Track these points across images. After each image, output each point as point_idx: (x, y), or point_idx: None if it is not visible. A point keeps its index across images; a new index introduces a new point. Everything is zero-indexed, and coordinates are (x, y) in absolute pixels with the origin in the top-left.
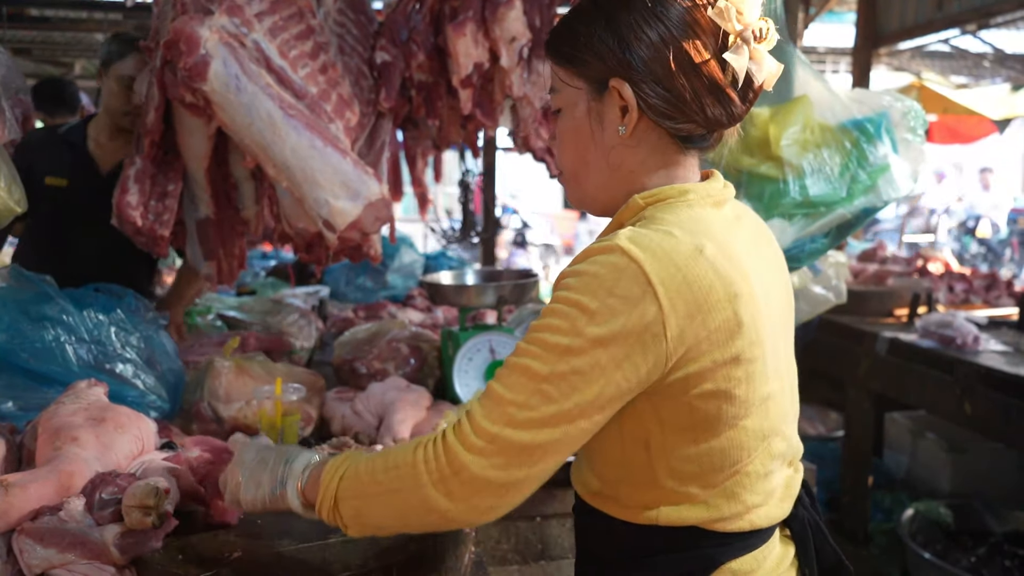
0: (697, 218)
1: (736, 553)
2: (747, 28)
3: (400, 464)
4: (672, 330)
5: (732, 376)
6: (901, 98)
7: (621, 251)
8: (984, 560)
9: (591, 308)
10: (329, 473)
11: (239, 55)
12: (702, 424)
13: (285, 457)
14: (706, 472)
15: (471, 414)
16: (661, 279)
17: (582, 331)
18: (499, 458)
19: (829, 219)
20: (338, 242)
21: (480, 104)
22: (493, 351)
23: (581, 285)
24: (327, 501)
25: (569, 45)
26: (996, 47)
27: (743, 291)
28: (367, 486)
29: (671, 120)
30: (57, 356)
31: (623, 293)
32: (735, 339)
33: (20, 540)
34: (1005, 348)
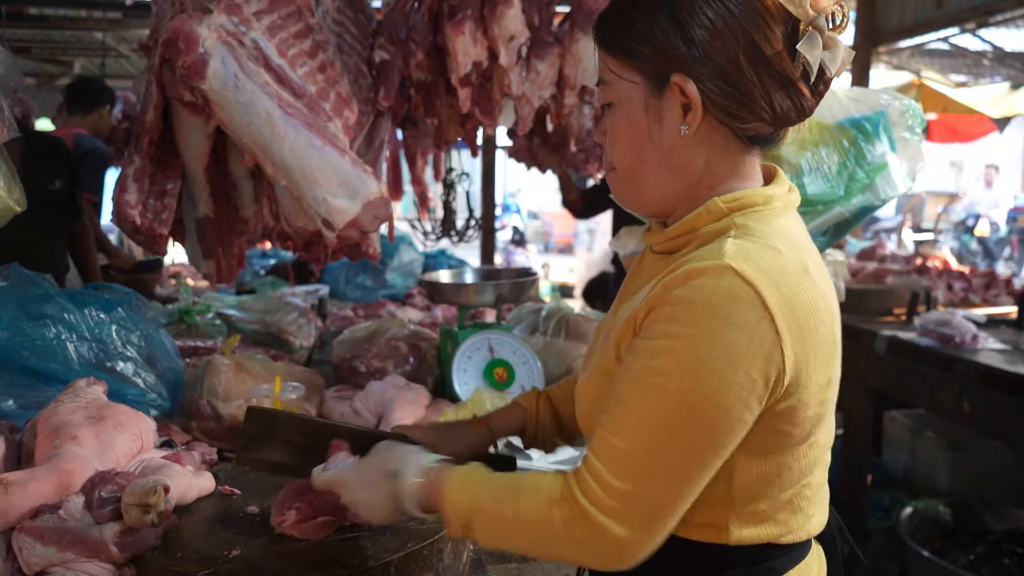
0: (788, 229)
1: (793, 563)
2: (821, 13)
3: (535, 522)
4: (789, 357)
5: (826, 398)
6: (899, 96)
7: (734, 272)
8: (983, 558)
9: (706, 341)
10: (454, 504)
11: (237, 53)
12: (790, 449)
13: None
14: (778, 491)
15: (596, 473)
16: (777, 302)
17: (701, 368)
18: (638, 515)
19: (827, 217)
20: (337, 241)
21: (479, 103)
22: (492, 350)
23: (690, 316)
24: (457, 527)
25: (624, 35)
26: (995, 45)
27: (836, 310)
28: (500, 528)
29: (738, 119)
30: (58, 354)
31: (739, 320)
32: (832, 361)
33: (20, 538)
34: (1004, 346)
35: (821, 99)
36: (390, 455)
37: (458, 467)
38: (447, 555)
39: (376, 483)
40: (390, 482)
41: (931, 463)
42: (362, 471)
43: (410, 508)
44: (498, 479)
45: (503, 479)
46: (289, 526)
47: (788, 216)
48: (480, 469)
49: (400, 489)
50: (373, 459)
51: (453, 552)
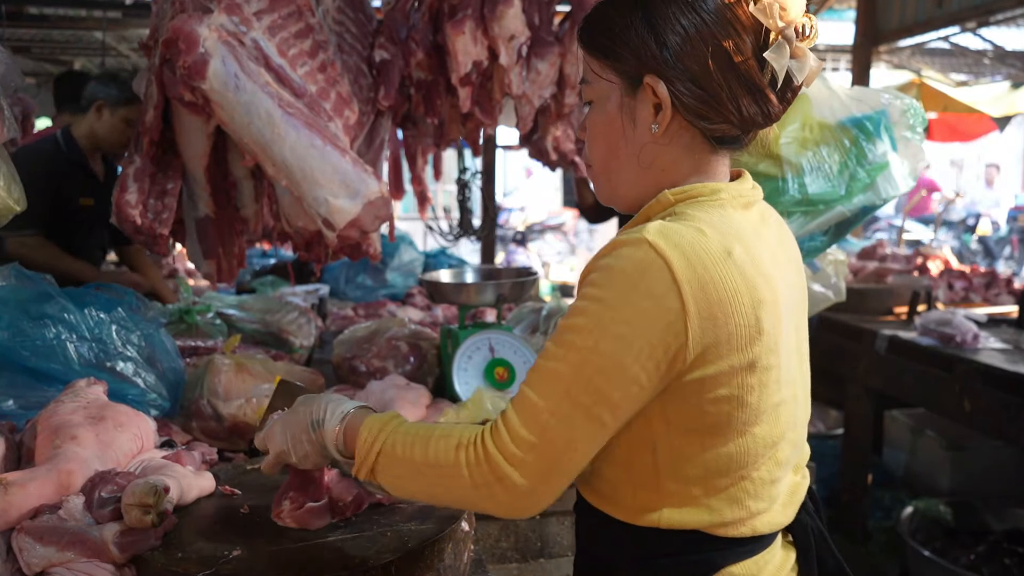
0: (727, 219)
1: (737, 558)
2: (790, 25)
3: (442, 463)
4: (693, 330)
5: (746, 383)
6: (900, 96)
7: (648, 245)
8: (983, 558)
9: (614, 304)
10: (365, 443)
11: (238, 53)
12: (711, 429)
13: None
14: (711, 476)
15: (508, 421)
16: (687, 277)
17: (606, 329)
18: (539, 465)
19: (828, 217)
20: (337, 240)
21: (479, 102)
22: (492, 349)
23: (605, 280)
24: (364, 468)
25: (604, 36)
26: (996, 44)
27: (766, 298)
28: (406, 470)
29: (706, 120)
30: (58, 354)
31: (646, 288)
32: (754, 345)
33: (20, 538)
34: (1005, 346)
35: (789, 106)
36: (313, 405)
37: (377, 413)
38: (448, 555)
39: (301, 434)
40: (314, 431)
41: (932, 463)
42: (287, 423)
43: (332, 453)
44: (413, 426)
45: (418, 426)
46: (286, 515)
47: (736, 209)
48: (398, 416)
49: (323, 437)
50: (297, 410)
51: (454, 552)
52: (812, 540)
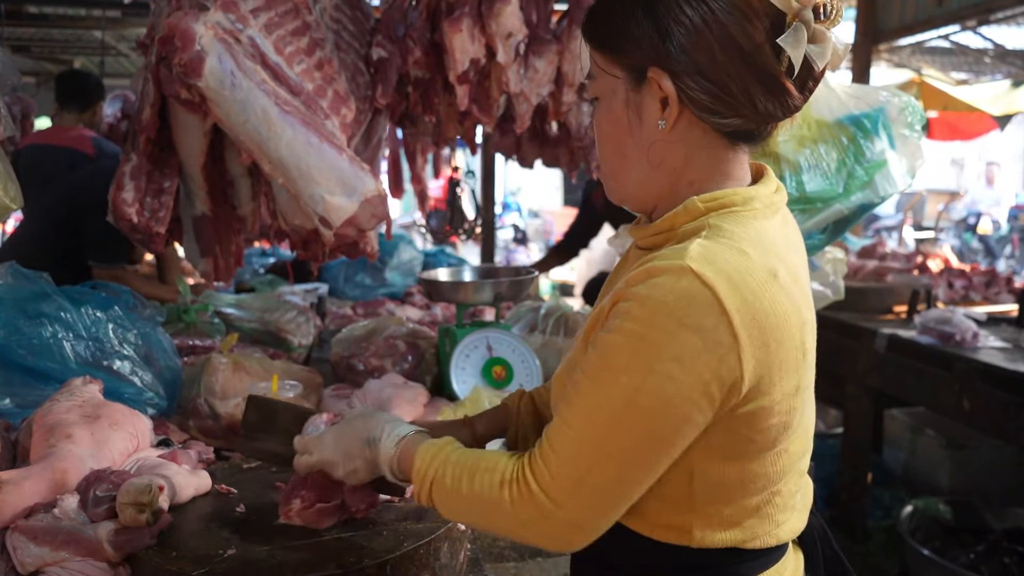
0: (764, 233)
1: (762, 568)
2: (807, 6)
3: (486, 499)
4: (747, 362)
5: (794, 406)
6: (898, 94)
7: (693, 274)
8: (983, 557)
9: (659, 342)
10: (419, 473)
11: (234, 51)
12: (754, 455)
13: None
14: (746, 497)
15: (548, 459)
16: (737, 307)
17: (652, 368)
18: (584, 504)
19: (826, 215)
20: (334, 239)
21: (477, 100)
22: (490, 348)
23: (644, 314)
24: (423, 496)
25: (606, 29)
26: (996, 43)
27: (808, 318)
28: (457, 502)
29: (716, 115)
30: (55, 353)
31: (694, 323)
32: (800, 368)
33: (14, 537)
34: (1004, 344)
35: (810, 95)
36: (368, 421)
37: (431, 440)
38: (444, 554)
39: (354, 449)
40: (368, 448)
41: (931, 461)
42: (341, 436)
43: (386, 473)
44: (461, 455)
45: (466, 455)
46: (295, 513)
47: (769, 218)
48: (451, 443)
49: (377, 455)
50: (351, 424)
51: (450, 551)
52: (817, 540)
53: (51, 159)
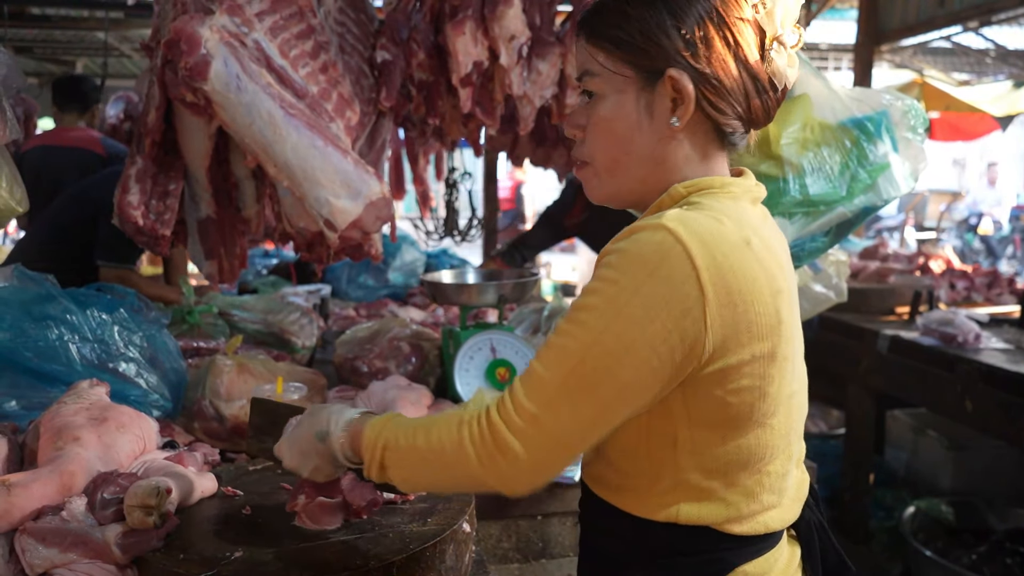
0: (741, 210)
1: (750, 556)
2: (785, 32)
3: (445, 443)
4: (713, 318)
5: (768, 373)
6: (901, 97)
7: (667, 231)
8: (985, 558)
9: (629, 287)
10: (369, 442)
11: (240, 54)
12: (733, 421)
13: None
14: (732, 470)
15: (514, 393)
16: (706, 264)
17: (620, 311)
18: (543, 438)
19: (829, 218)
20: (339, 241)
21: (480, 103)
22: (494, 350)
23: (622, 264)
24: (374, 467)
25: (617, 28)
26: (998, 44)
27: (783, 287)
28: (412, 459)
29: (722, 114)
30: (60, 355)
31: (664, 274)
32: (774, 335)
33: (22, 540)
34: (1006, 346)
35: (778, 106)
36: (317, 417)
37: (379, 415)
38: (449, 556)
39: (309, 447)
40: (322, 443)
41: (933, 462)
42: (294, 440)
43: (343, 462)
44: (416, 419)
45: (421, 419)
46: (300, 508)
47: (746, 201)
48: (399, 415)
49: (331, 447)
50: (303, 423)
51: (455, 554)
52: (815, 534)
53: (60, 161)
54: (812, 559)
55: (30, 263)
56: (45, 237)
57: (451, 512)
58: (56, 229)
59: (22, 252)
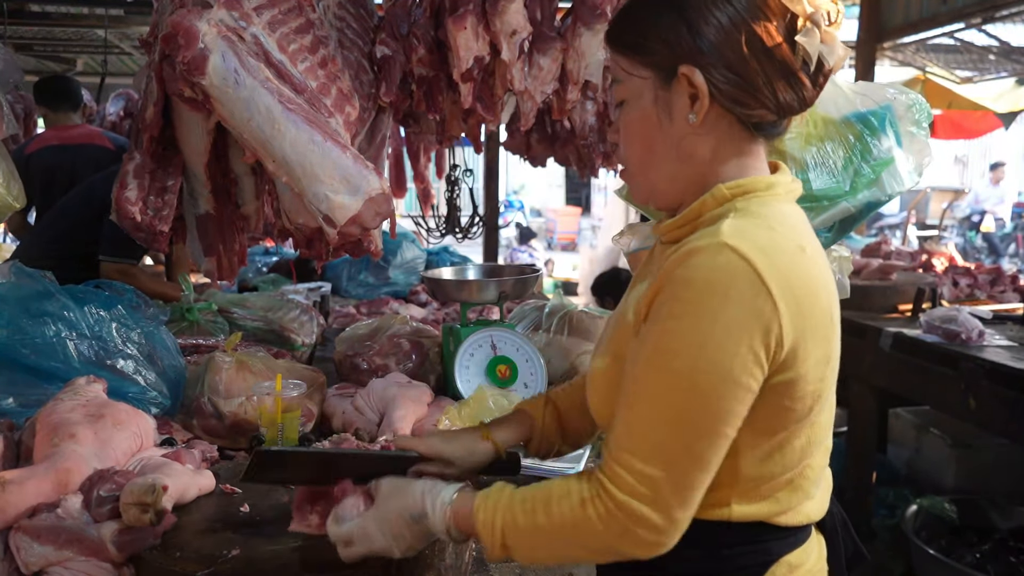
0: (787, 214)
1: (791, 547)
2: (817, 10)
3: (570, 524)
4: (787, 329)
5: (826, 376)
6: (905, 91)
7: (729, 249)
8: (988, 556)
9: (708, 317)
10: (486, 527)
11: (238, 49)
12: (792, 425)
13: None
14: (784, 470)
15: (626, 462)
16: (772, 275)
17: (704, 345)
18: (673, 496)
19: (832, 213)
20: (338, 237)
21: (481, 98)
22: (495, 347)
23: (688, 295)
24: (495, 549)
25: (634, 33)
26: (1001, 40)
27: (834, 290)
28: (537, 539)
29: (743, 106)
30: (58, 352)
31: (738, 296)
32: (830, 339)
33: (17, 537)
34: (1010, 343)
35: (821, 90)
36: (406, 498)
37: (482, 491)
38: (449, 555)
39: (403, 530)
40: (418, 525)
41: (936, 460)
42: (384, 521)
43: (445, 539)
44: (524, 492)
45: (529, 491)
46: (315, 529)
47: (789, 203)
48: (505, 488)
49: (430, 528)
50: (390, 504)
51: (455, 552)
52: (836, 525)
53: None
54: (835, 550)
55: (35, 260)
56: (51, 234)
57: None
58: (63, 228)
59: (28, 249)
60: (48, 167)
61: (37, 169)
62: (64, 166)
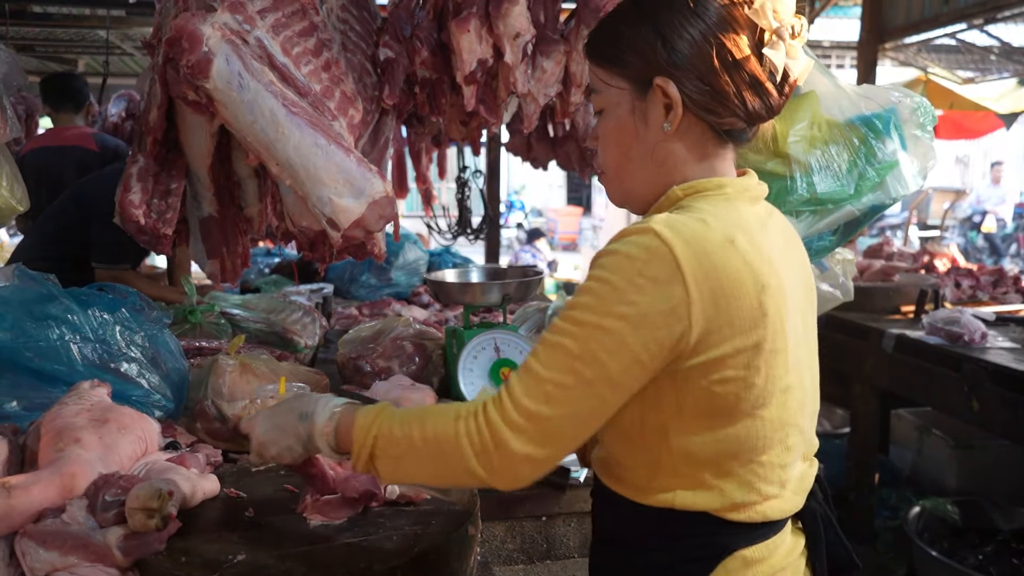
0: (732, 210)
1: (748, 542)
2: (783, 25)
3: (440, 436)
4: (696, 314)
5: (752, 364)
6: (910, 94)
7: (654, 233)
8: (991, 557)
9: (620, 287)
10: (362, 430)
11: (241, 52)
12: (720, 411)
13: (301, 412)
14: (722, 459)
15: (511, 390)
16: (690, 264)
17: (610, 309)
18: (539, 434)
19: (836, 216)
20: (342, 240)
21: (484, 101)
22: (498, 349)
23: (613, 265)
24: (362, 457)
25: (611, 46)
26: (1003, 41)
27: (770, 283)
28: (405, 449)
29: (714, 115)
30: (62, 355)
31: (652, 274)
32: (758, 328)
33: (23, 543)
34: (1013, 345)
35: (787, 99)
36: (304, 400)
37: (369, 405)
38: (453, 559)
39: (287, 424)
40: (302, 423)
41: (939, 462)
42: (275, 412)
43: (322, 447)
44: (409, 410)
45: (415, 409)
46: (310, 509)
47: (742, 202)
48: (390, 406)
49: (312, 429)
50: (287, 402)
51: (460, 556)
52: (821, 526)
53: (58, 160)
54: (817, 550)
55: (31, 264)
56: (44, 238)
57: (456, 514)
58: (54, 230)
59: (23, 253)
60: (35, 169)
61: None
62: (50, 168)
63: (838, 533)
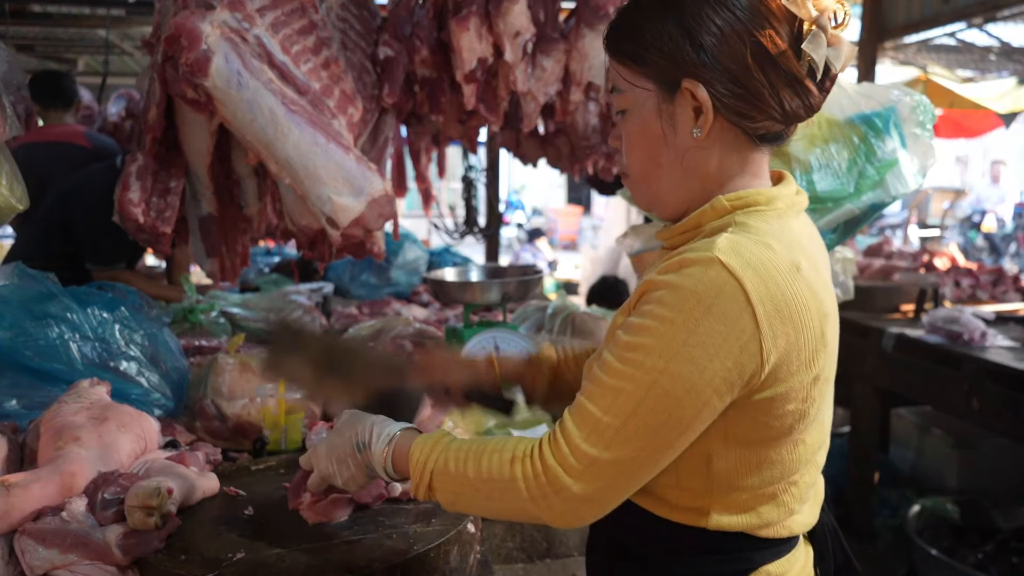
0: (787, 229)
1: (773, 557)
2: (823, 13)
3: (496, 477)
4: (768, 351)
5: (810, 396)
6: (910, 92)
7: (720, 265)
8: (991, 557)
9: (687, 327)
10: (418, 465)
11: (241, 50)
12: (771, 442)
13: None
14: (763, 485)
15: (568, 434)
16: (760, 298)
17: (677, 351)
18: (599, 478)
19: (836, 215)
20: (341, 239)
21: (484, 99)
22: (498, 348)
23: (674, 301)
24: (421, 488)
25: (634, 43)
26: (1002, 40)
27: (830, 311)
28: (462, 486)
29: (748, 119)
30: (61, 354)
31: (720, 311)
32: (819, 359)
33: (22, 541)
34: (1013, 344)
35: (828, 95)
36: (356, 426)
37: (424, 433)
38: (453, 557)
39: (346, 456)
40: (361, 455)
41: (939, 461)
42: (332, 446)
43: (382, 475)
44: (463, 442)
45: (468, 442)
46: (306, 508)
47: (792, 217)
48: (446, 434)
49: (370, 459)
50: (341, 431)
51: (460, 554)
52: (828, 537)
53: (45, 156)
54: (825, 562)
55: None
56: (36, 237)
57: (455, 513)
58: (45, 229)
59: (17, 252)
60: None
61: None
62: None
63: (840, 539)
